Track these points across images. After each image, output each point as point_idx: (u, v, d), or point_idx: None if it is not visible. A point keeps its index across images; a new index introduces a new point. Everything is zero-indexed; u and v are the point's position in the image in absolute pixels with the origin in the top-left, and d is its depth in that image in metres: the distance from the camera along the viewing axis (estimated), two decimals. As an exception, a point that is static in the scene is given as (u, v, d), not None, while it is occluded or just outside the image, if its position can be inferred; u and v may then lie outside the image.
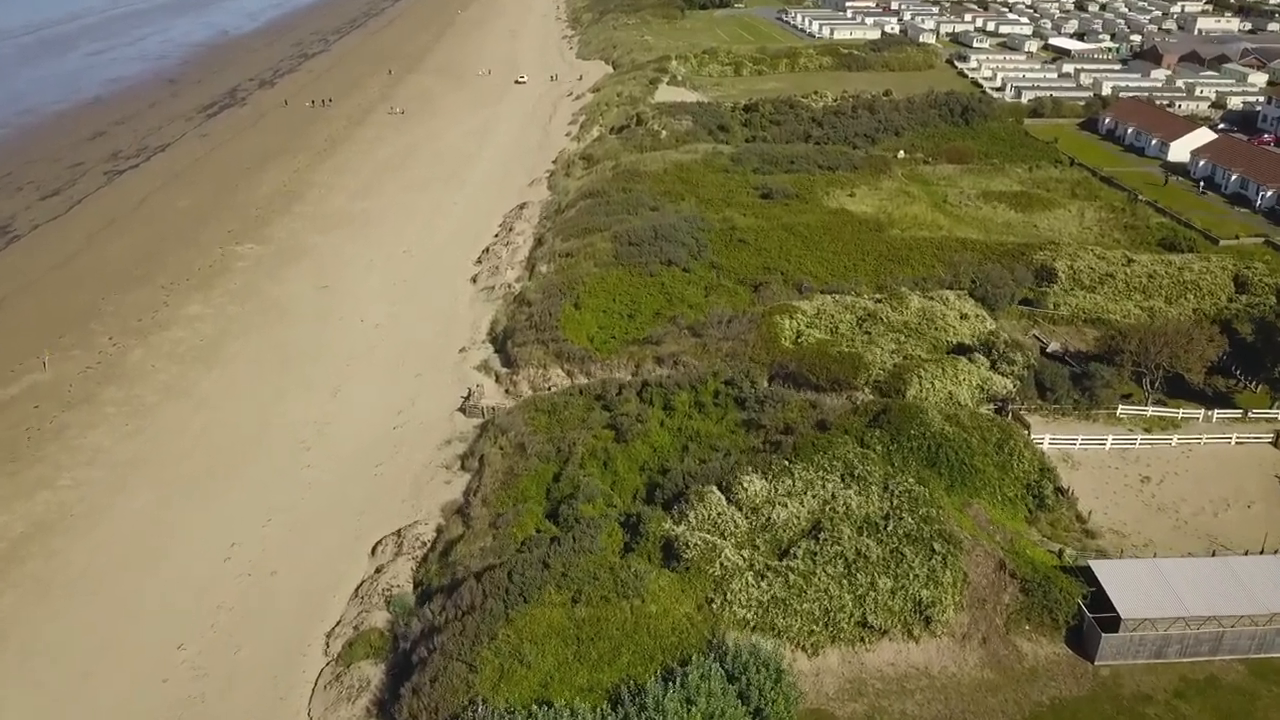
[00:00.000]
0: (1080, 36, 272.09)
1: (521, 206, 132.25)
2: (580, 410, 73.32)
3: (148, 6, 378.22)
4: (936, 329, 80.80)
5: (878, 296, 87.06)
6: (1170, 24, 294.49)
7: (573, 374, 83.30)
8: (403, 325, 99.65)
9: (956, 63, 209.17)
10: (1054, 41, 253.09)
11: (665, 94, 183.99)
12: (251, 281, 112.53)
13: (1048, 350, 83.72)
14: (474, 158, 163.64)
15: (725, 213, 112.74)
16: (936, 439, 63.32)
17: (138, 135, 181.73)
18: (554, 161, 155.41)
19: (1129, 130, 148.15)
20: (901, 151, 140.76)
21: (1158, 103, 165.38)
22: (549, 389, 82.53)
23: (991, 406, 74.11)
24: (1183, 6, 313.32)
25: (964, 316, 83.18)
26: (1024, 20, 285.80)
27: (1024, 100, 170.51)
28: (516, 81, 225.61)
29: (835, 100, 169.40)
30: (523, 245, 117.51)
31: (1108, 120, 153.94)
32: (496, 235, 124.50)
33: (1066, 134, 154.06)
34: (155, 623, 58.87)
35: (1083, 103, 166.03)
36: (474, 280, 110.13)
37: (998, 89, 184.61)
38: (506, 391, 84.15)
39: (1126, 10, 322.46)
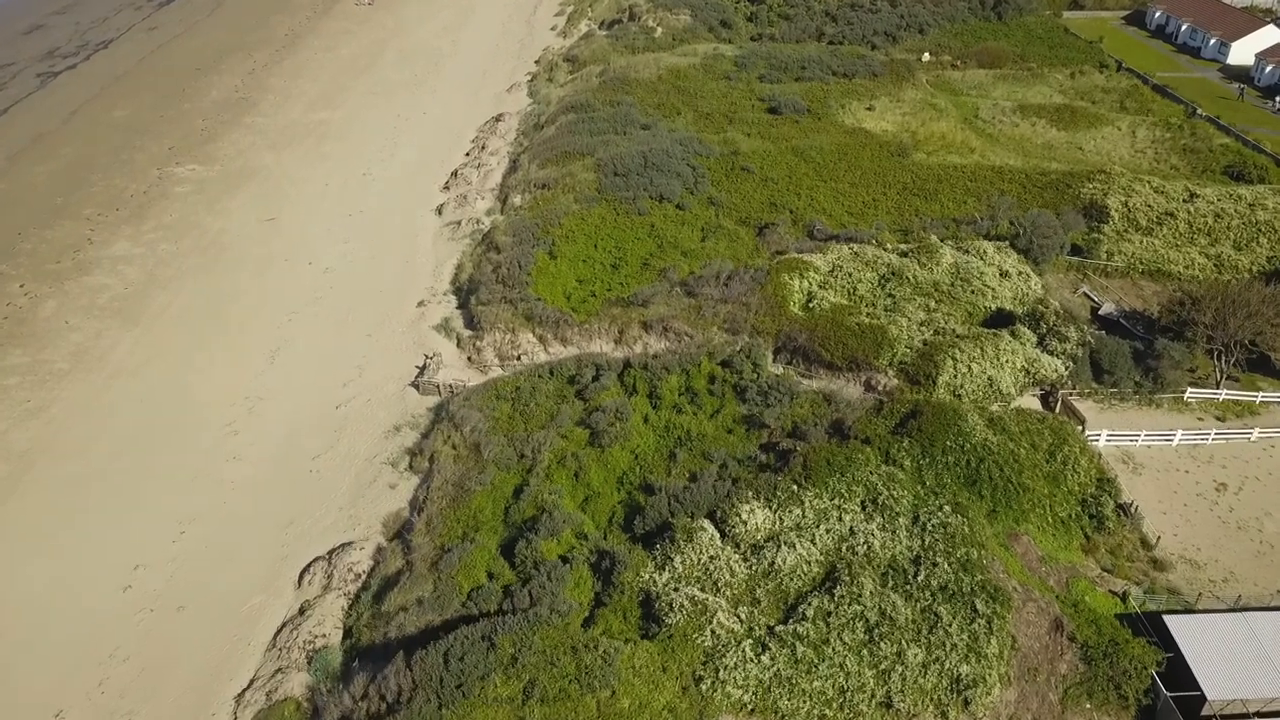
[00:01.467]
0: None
1: (497, 119, 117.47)
2: (550, 397, 61.81)
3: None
4: (973, 291, 68.40)
5: (903, 248, 74.20)
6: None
7: (545, 340, 71.43)
8: (355, 269, 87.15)
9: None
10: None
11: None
12: (189, 212, 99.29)
13: (1100, 312, 71.57)
14: (448, 57, 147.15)
15: (726, 132, 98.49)
16: (977, 451, 52.05)
17: (79, 29, 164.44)
18: (536, 62, 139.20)
19: (1182, 27, 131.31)
20: (927, 54, 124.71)
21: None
22: (517, 357, 70.91)
23: (1038, 392, 62.58)
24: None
25: (1004, 274, 70.60)
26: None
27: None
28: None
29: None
30: (496, 168, 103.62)
31: (1157, 14, 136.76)
32: (468, 154, 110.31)
33: (1110, 30, 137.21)
34: (32, 679, 48.95)
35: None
36: (439, 211, 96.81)
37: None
38: (469, 360, 72.46)
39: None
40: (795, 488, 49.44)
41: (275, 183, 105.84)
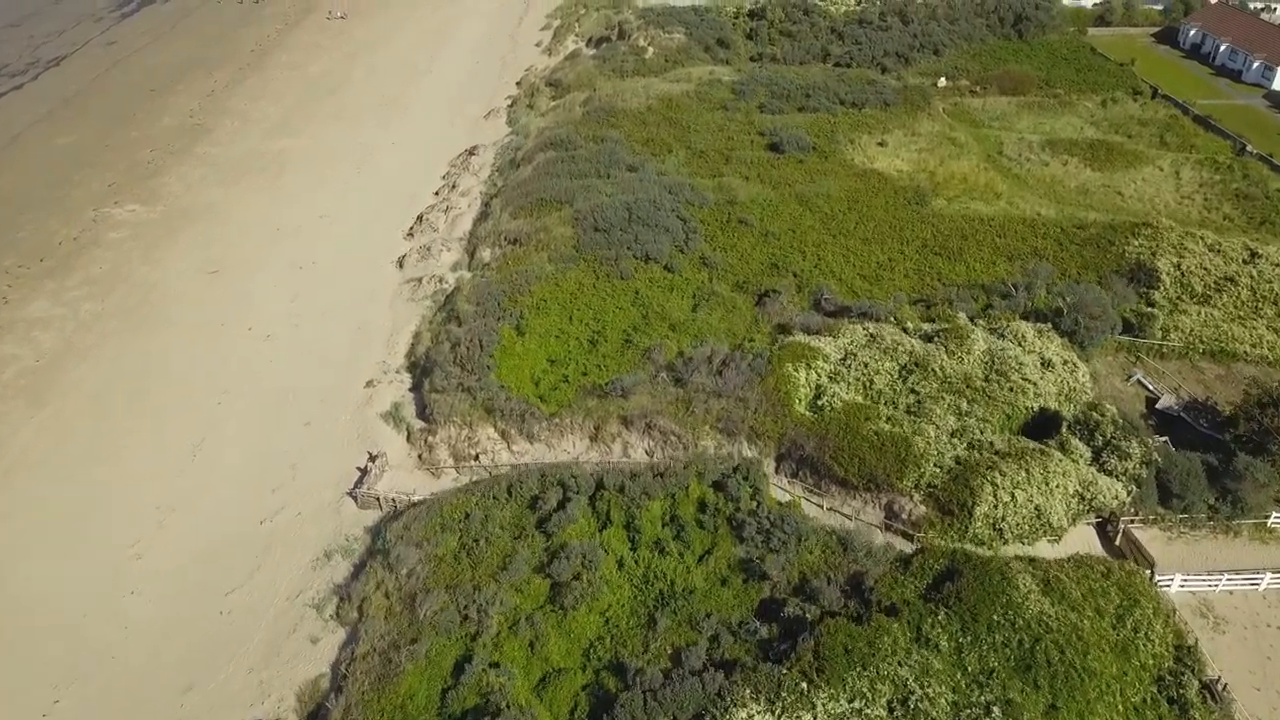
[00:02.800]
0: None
1: (471, 151, 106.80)
2: (506, 528, 51.27)
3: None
4: (1010, 387, 57.82)
5: (926, 328, 63.60)
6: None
7: (509, 436, 61.03)
8: (301, 337, 76.64)
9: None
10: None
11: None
12: (121, 263, 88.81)
13: (1159, 405, 61.11)
14: (425, 74, 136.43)
15: (722, 176, 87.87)
16: (1032, 628, 41.65)
17: (32, 43, 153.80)
18: (518, 84, 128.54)
19: (1220, 47, 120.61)
20: (943, 79, 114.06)
21: (1251, 6, 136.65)
22: (475, 457, 60.55)
23: (1094, 519, 52.19)
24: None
25: (1047, 364, 60.03)
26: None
27: (1085, 2, 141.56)
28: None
29: (859, 2, 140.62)
30: (466, 212, 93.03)
31: (1192, 32, 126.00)
32: (437, 193, 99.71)
33: (1141, 49, 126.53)
34: None
35: (1159, 7, 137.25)
36: (400, 264, 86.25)
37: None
38: (420, 458, 62.07)
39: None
40: (804, 685, 38.99)
41: (222, 226, 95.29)
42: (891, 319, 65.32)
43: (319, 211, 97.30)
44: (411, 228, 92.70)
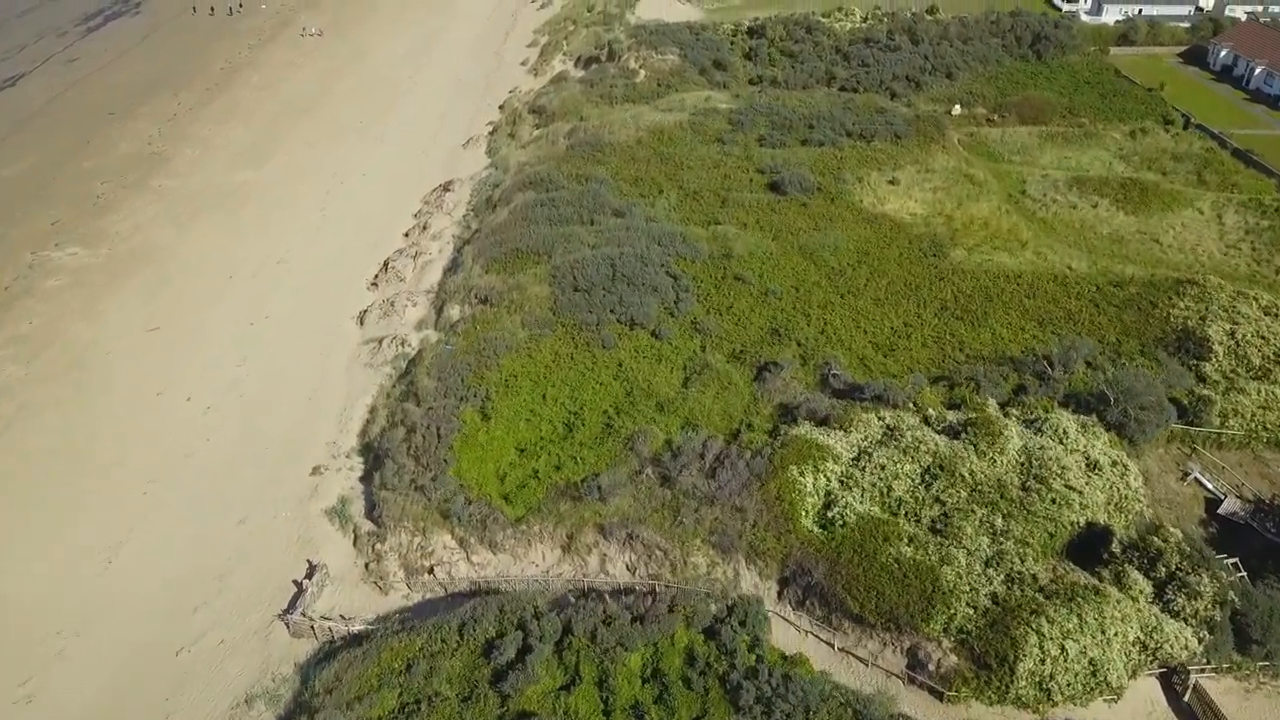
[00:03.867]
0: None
1: (446, 187, 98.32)
2: (454, 684, 42.87)
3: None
4: (1053, 496, 49.43)
5: (951, 418, 55.14)
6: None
7: (468, 545, 52.81)
8: (245, 409, 68.28)
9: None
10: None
11: (650, 5, 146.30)
12: (56, 317, 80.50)
13: (1221, 510, 52.79)
14: (402, 97, 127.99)
15: (718, 223, 79.49)
16: None
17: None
18: (500, 108, 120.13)
19: (1255, 70, 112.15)
20: (958, 106, 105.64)
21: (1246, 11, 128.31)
22: (429, 570, 52.40)
23: (1158, 669, 43.84)
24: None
25: (1093, 465, 51.64)
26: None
27: (1107, 19, 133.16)
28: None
29: (865, 18, 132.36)
30: (437, 258, 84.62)
31: (1223, 53, 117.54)
32: (407, 234, 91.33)
33: (1168, 71, 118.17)
34: None
35: (1186, 24, 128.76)
36: (361, 321, 77.82)
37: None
38: (366, 568, 53.82)
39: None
40: None
41: (170, 272, 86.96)
42: (910, 405, 56.90)
43: (278, 255, 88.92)
44: (376, 275, 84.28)
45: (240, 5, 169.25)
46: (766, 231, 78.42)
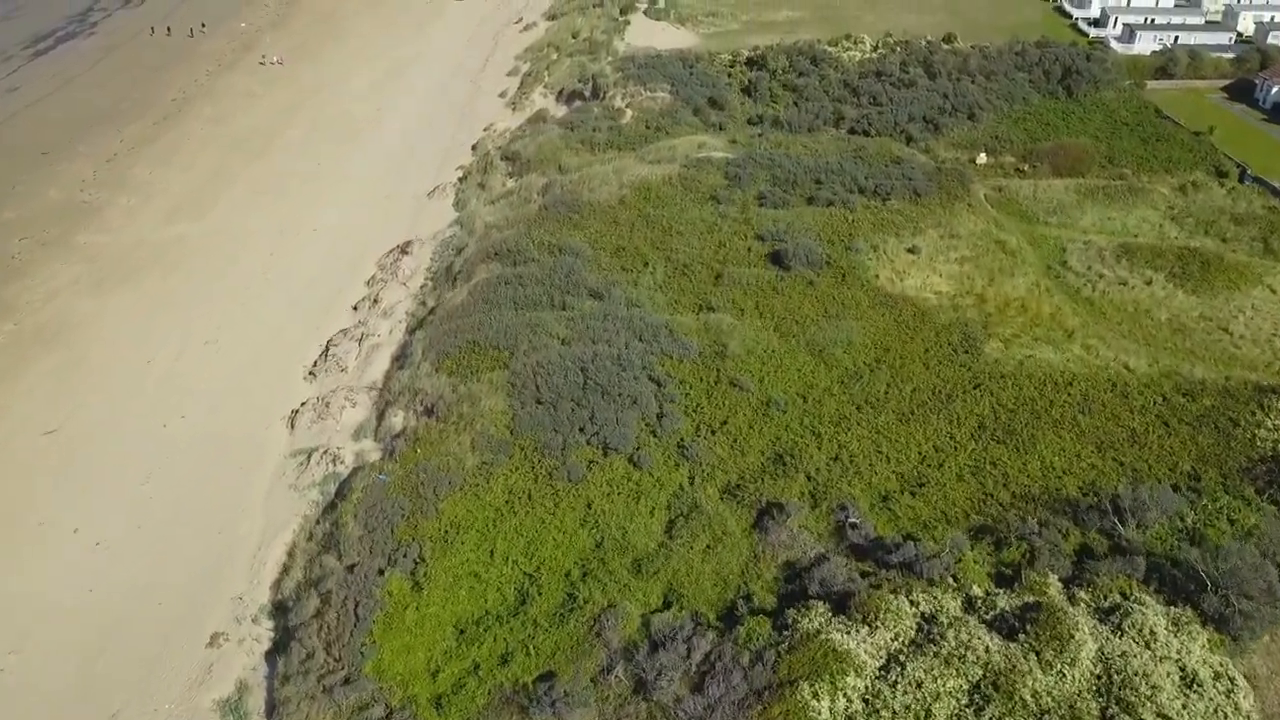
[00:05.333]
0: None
1: (404, 249, 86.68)
2: None
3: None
4: (1141, 729, 37.88)
5: (1003, 604, 43.47)
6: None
7: (388, 772, 41.25)
8: (140, 547, 56.75)
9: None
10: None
11: (640, 30, 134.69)
12: (-65, 416, 68.92)
13: (1349, 729, 41.14)
14: (366, 134, 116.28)
15: (710, 308, 67.95)
16: None
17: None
18: (474, 148, 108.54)
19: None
20: (983, 154, 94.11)
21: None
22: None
23: None
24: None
25: (1191, 680, 40.03)
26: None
27: (1140, 47, 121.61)
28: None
29: (875, 47, 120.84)
30: (385, 342, 73.07)
31: (1275, 89, 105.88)
32: (356, 307, 79.78)
33: (1211, 109, 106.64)
34: None
35: (1230, 55, 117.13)
36: (292, 424, 66.26)
37: (1093, 21, 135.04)
38: (260, 800, 42.32)
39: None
40: None
41: (82, 354, 75.45)
42: (950, 579, 45.27)
43: (207, 333, 77.34)
44: (316, 362, 72.70)
45: (203, 26, 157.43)
46: (767, 319, 66.86)
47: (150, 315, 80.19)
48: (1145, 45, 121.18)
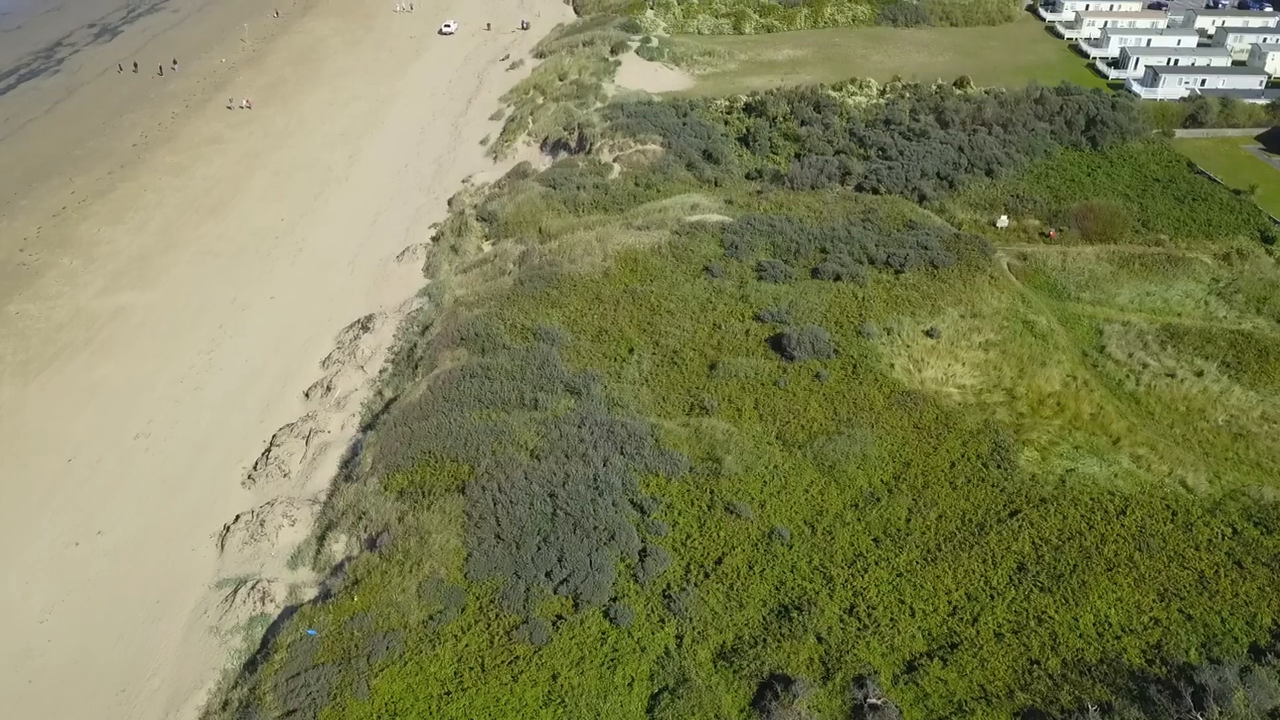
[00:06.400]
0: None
1: (366, 324, 78.20)
2: None
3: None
4: None
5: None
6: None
7: None
8: (28, 709, 47.90)
9: (1044, 12, 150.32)
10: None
11: (632, 71, 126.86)
12: None
13: None
14: (334, 187, 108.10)
15: (703, 409, 59.35)
16: None
17: None
18: (450, 203, 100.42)
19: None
20: (1004, 216, 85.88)
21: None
22: None
23: None
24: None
25: None
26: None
27: (1166, 92, 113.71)
28: (441, 31, 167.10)
29: (882, 91, 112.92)
30: (336, 440, 64.43)
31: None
32: (308, 394, 71.26)
33: (1247, 160, 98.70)
34: None
35: (1264, 101, 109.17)
36: (222, 543, 57.59)
37: (1112, 61, 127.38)
38: None
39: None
40: None
41: (-5, 452, 66.83)
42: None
43: (138, 425, 68.79)
44: (257, 464, 64.10)
45: (174, 64, 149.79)
46: (768, 423, 58.27)
47: (77, 403, 71.63)
48: (1171, 89, 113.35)
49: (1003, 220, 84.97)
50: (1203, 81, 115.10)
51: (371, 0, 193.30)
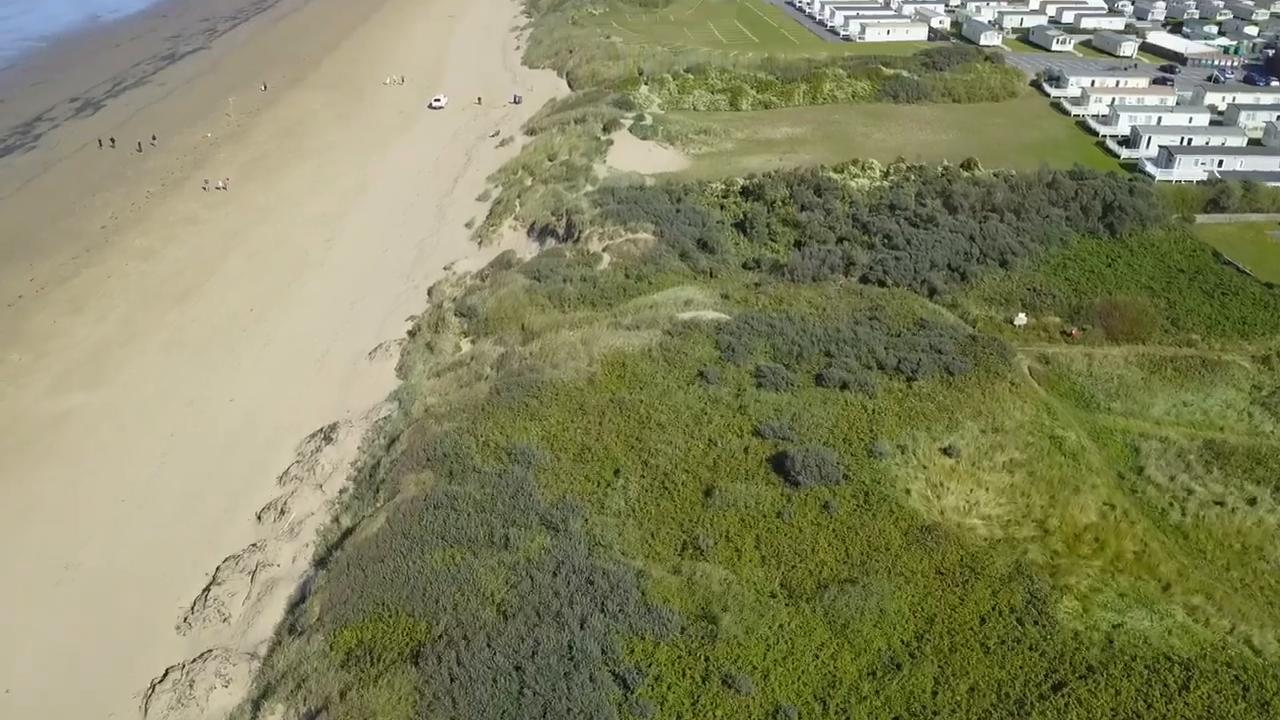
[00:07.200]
0: (1178, 28, 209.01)
1: (329, 435, 71.54)
2: None
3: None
4: None
5: None
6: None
7: None
8: None
9: (1048, 87, 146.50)
10: (1155, 40, 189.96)
11: (625, 150, 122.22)
12: None
13: None
14: (308, 274, 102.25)
15: (697, 550, 52.38)
16: None
17: None
18: (430, 293, 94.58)
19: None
20: (1022, 313, 79.90)
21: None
22: None
23: None
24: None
25: None
26: (1099, 4, 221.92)
27: (1182, 173, 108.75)
28: (431, 105, 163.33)
29: (885, 174, 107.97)
30: (284, 576, 57.37)
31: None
32: (260, 516, 64.30)
33: (1274, 246, 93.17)
34: None
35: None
36: (145, 706, 50.24)
37: (1123, 140, 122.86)
38: None
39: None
40: None
41: (-94, 584, 59.64)
42: None
43: (68, 553, 61.77)
44: (194, 604, 56.96)
45: (154, 140, 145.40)
46: (771, 568, 51.33)
47: (4, 527, 64.65)
48: (1187, 170, 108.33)
49: (1021, 318, 78.93)
50: (1219, 162, 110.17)
51: (362, 72, 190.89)
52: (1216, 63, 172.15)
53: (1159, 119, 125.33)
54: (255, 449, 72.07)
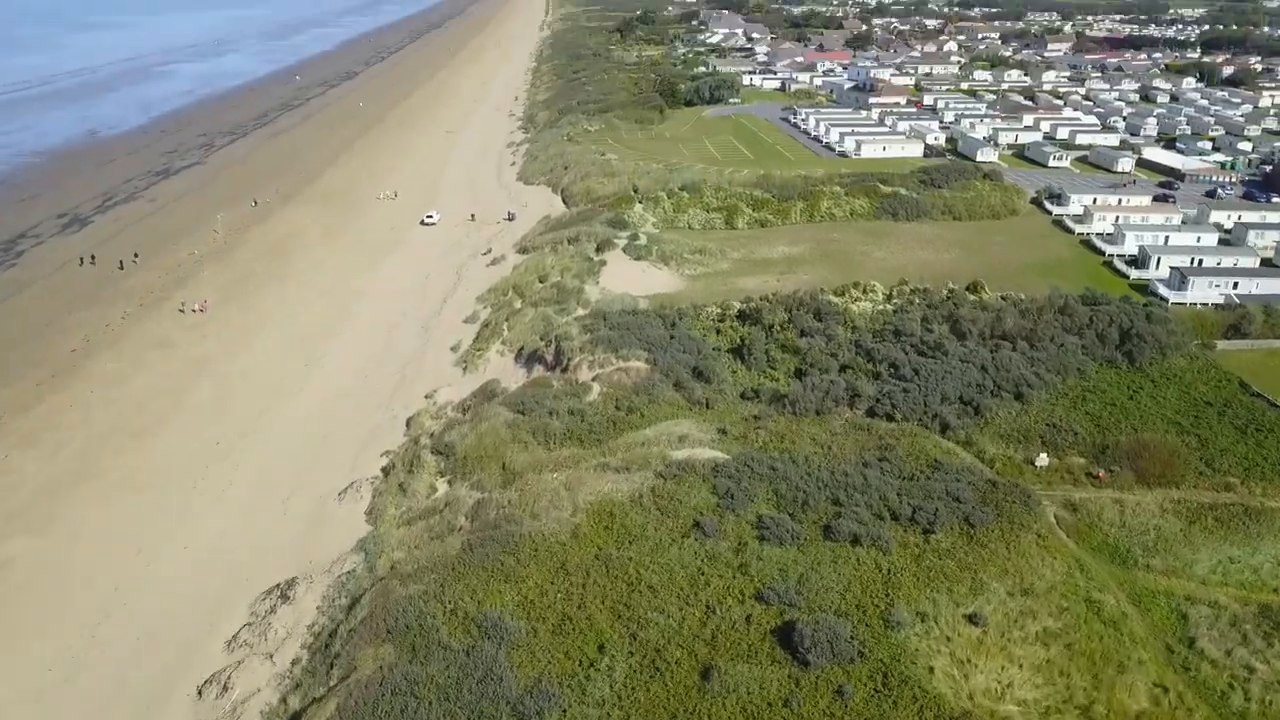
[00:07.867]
0: (1171, 144, 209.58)
1: (286, 593, 64.78)
2: None
3: (26, 96, 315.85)
4: None
5: None
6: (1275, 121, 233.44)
7: None
8: None
9: (1049, 205, 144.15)
10: (1151, 155, 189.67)
11: (618, 271, 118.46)
12: None
13: None
14: (280, 403, 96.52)
15: (692, 751, 45.46)
16: None
17: None
18: (409, 424, 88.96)
19: None
20: (1043, 454, 74.08)
21: None
22: None
23: None
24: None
25: None
26: (1092, 120, 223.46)
27: (1197, 296, 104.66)
28: (423, 221, 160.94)
29: (888, 297, 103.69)
30: (220, 774, 50.00)
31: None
32: (201, 692, 57.07)
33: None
34: None
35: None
36: None
37: (1131, 260, 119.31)
38: None
39: (1208, 104, 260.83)
40: None
41: None
42: None
43: (-18, 732, 54.45)
44: (114, 807, 49.41)
45: (135, 257, 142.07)
46: (778, 775, 44.16)
47: (-85, 700, 57.40)
48: (1202, 293, 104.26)
49: (1042, 458, 73.08)
50: (1235, 284, 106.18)
51: (356, 188, 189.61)
52: (1215, 178, 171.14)
53: (1166, 238, 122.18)
54: (205, 607, 65.19)
